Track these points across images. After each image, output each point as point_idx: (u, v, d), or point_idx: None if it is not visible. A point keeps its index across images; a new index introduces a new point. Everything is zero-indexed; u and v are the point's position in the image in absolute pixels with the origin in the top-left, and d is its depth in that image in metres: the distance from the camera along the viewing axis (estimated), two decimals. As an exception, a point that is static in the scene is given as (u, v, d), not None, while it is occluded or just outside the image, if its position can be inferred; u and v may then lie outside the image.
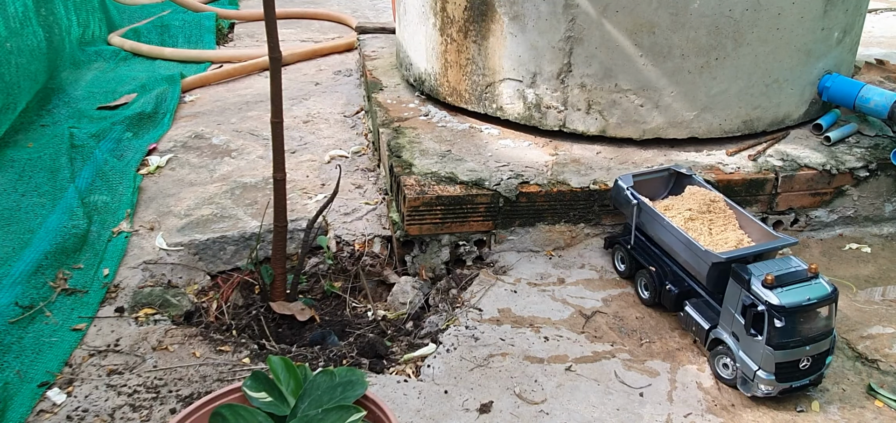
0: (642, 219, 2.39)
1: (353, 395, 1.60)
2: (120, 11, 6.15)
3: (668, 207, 2.41)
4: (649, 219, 2.35)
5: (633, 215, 2.40)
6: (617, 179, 2.48)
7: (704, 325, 2.10)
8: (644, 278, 2.37)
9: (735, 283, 1.98)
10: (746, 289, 1.93)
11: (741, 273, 1.95)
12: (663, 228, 2.28)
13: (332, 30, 6.03)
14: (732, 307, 1.99)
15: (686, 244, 2.17)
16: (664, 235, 2.28)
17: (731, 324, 2.00)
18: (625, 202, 2.44)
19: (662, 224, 2.28)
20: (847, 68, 3.27)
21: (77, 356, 2.11)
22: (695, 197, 2.43)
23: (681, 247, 2.20)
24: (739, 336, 1.97)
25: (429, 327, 2.36)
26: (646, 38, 2.79)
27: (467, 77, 3.16)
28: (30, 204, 2.90)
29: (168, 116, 3.95)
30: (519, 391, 2.00)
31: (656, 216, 2.31)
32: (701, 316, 2.13)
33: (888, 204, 2.93)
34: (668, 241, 2.27)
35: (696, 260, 2.14)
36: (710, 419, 1.91)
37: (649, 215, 2.34)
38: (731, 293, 2.01)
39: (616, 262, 2.54)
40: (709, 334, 2.08)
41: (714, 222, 2.33)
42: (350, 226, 2.86)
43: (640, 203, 2.38)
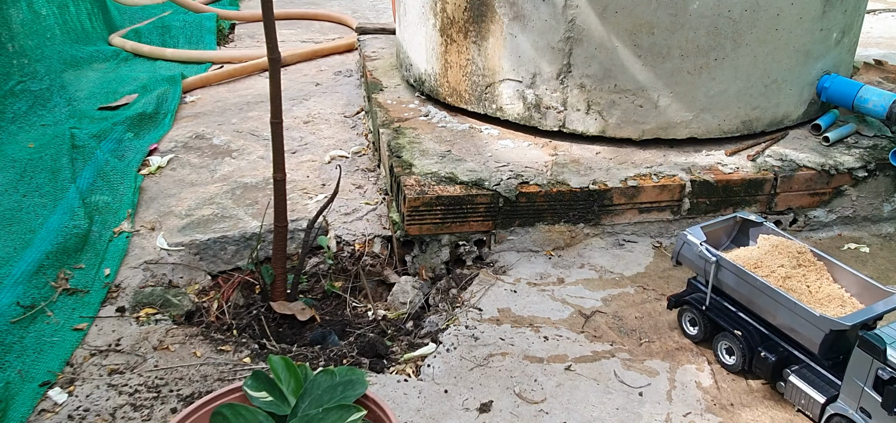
0: (722, 277, 2.10)
1: (353, 394, 1.61)
2: (121, 12, 6.16)
3: (754, 264, 2.12)
4: (735, 278, 2.06)
5: (712, 274, 2.10)
6: (685, 234, 2.19)
7: (819, 399, 1.86)
8: (726, 342, 2.09)
9: (863, 352, 1.75)
10: (881, 360, 1.70)
11: (873, 342, 1.72)
12: (755, 288, 2.00)
13: (332, 30, 6.04)
14: (859, 380, 1.77)
15: (791, 308, 1.91)
16: (755, 296, 2.01)
17: (858, 399, 1.78)
18: (698, 259, 2.15)
19: (754, 285, 2.00)
20: (846, 69, 3.27)
21: (78, 356, 2.12)
22: (779, 250, 2.17)
23: (782, 311, 1.94)
24: (872, 413, 1.75)
25: (429, 327, 2.37)
26: (645, 38, 2.80)
27: (467, 77, 3.17)
28: (31, 204, 2.91)
29: (169, 116, 3.96)
30: (519, 390, 2.01)
31: (745, 276, 2.02)
32: (812, 388, 1.89)
33: (887, 204, 2.94)
34: (760, 303, 2.00)
35: (802, 325, 1.89)
36: (710, 418, 1.92)
37: (735, 274, 2.06)
38: (857, 364, 1.77)
39: (685, 325, 2.24)
40: (825, 408, 1.86)
41: (807, 277, 2.10)
42: (350, 226, 2.86)
43: (722, 261, 2.08)
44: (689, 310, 2.21)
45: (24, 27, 4.37)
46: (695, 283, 2.25)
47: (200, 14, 5.97)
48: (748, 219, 2.33)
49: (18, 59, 4.17)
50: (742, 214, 2.35)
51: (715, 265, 2.08)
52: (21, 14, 4.40)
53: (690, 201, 2.76)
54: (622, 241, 2.76)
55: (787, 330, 1.95)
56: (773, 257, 2.14)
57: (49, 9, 4.82)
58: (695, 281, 2.25)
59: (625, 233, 2.78)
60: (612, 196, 2.70)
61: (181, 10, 6.11)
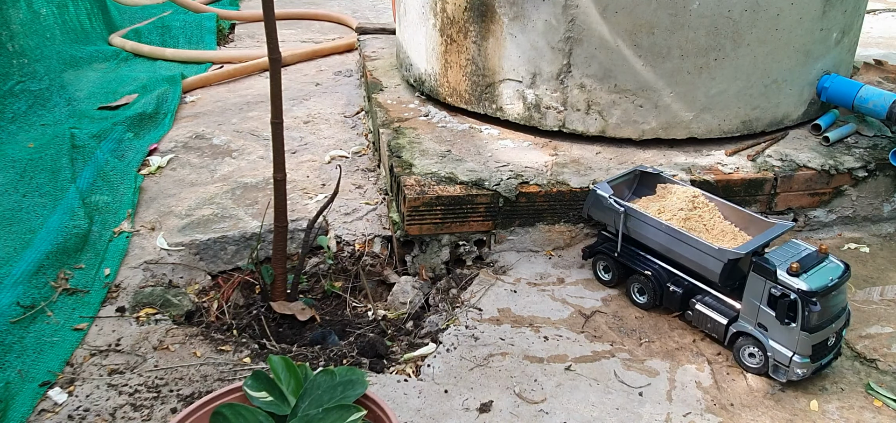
0: (630, 225, 2.35)
1: (353, 394, 1.61)
2: (121, 12, 6.16)
3: (657, 211, 2.37)
4: (641, 224, 2.32)
5: (621, 223, 2.35)
6: (593, 189, 2.44)
7: (722, 320, 2.13)
8: (638, 284, 2.35)
9: (758, 276, 2.01)
10: (772, 280, 1.97)
11: (765, 265, 1.98)
12: (660, 231, 2.26)
13: (332, 31, 6.04)
14: (756, 300, 2.02)
15: (693, 245, 2.17)
16: (660, 238, 2.27)
17: (755, 316, 2.04)
18: (608, 210, 2.39)
19: (659, 228, 2.26)
20: (846, 69, 3.27)
21: (78, 356, 2.12)
22: (677, 196, 2.43)
23: (685, 248, 2.20)
24: (768, 326, 2.01)
25: (429, 327, 2.37)
26: (645, 38, 2.80)
27: (467, 77, 3.17)
28: (31, 204, 2.91)
29: (169, 116, 3.96)
30: (519, 390, 2.01)
31: (650, 221, 2.28)
32: (716, 312, 2.15)
33: (887, 204, 2.94)
34: (665, 243, 2.26)
35: (704, 258, 2.14)
36: (710, 418, 1.92)
37: (641, 221, 2.31)
38: (753, 286, 2.03)
39: (599, 272, 2.50)
40: (728, 328, 2.11)
41: (703, 217, 2.36)
42: (350, 226, 2.86)
43: (629, 210, 2.33)
44: (603, 259, 2.46)
45: (23, 27, 4.37)
46: (605, 233, 2.48)
47: (200, 14, 5.97)
48: (646, 171, 2.57)
49: (18, 59, 4.17)
50: (641, 167, 2.59)
51: (624, 215, 2.32)
52: (21, 14, 4.40)
53: (690, 201, 2.76)
54: (622, 241, 2.76)
55: (691, 265, 2.21)
56: (673, 203, 2.40)
57: (49, 9, 4.81)
58: (605, 232, 2.48)
59: (625, 233, 2.78)
60: (612, 196, 2.70)
61: (181, 10, 6.11)
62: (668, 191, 2.49)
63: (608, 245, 2.44)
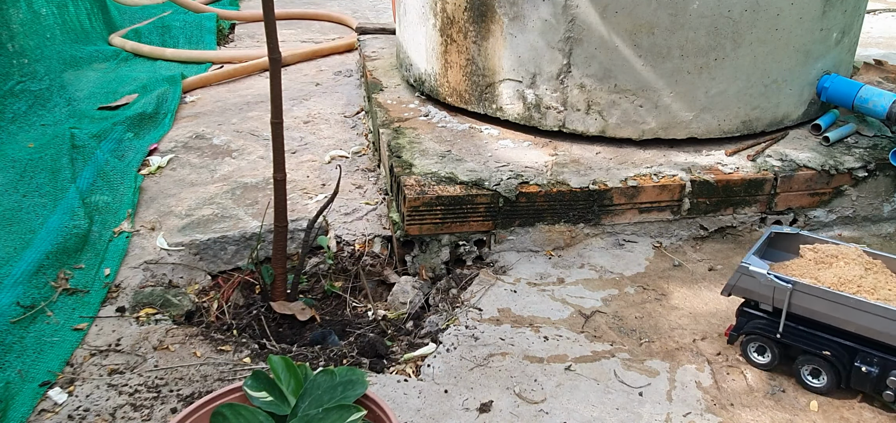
0: (797, 301, 2.05)
1: (353, 394, 1.61)
2: (121, 12, 6.16)
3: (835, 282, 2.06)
4: (818, 302, 2.01)
5: (786, 301, 2.05)
6: (746, 266, 2.10)
7: None
8: (811, 365, 2.05)
9: None
10: None
11: None
12: (849, 308, 1.97)
13: (332, 30, 6.04)
14: None
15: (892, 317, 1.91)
16: (847, 314, 1.98)
17: None
18: (765, 288, 2.08)
19: (849, 305, 1.97)
20: (846, 69, 3.27)
21: (78, 356, 2.12)
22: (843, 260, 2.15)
23: (884, 322, 1.93)
24: None
25: (429, 327, 2.37)
26: (645, 38, 2.80)
27: (467, 77, 3.17)
28: (31, 204, 2.91)
29: (169, 116, 3.96)
30: (519, 390, 2.01)
31: (833, 297, 1.99)
32: None
33: (887, 204, 2.94)
34: (854, 320, 1.98)
35: None
36: (709, 418, 1.92)
37: (818, 298, 2.01)
38: None
39: (750, 354, 2.16)
40: None
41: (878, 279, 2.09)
42: (350, 226, 2.86)
43: (799, 286, 2.02)
44: (757, 339, 2.14)
45: (23, 27, 4.37)
46: (749, 310, 2.17)
47: (200, 14, 5.97)
48: (781, 232, 2.29)
49: (18, 59, 4.17)
50: (775, 229, 2.30)
51: (791, 291, 2.03)
52: (21, 14, 4.40)
53: (690, 201, 2.76)
54: (622, 241, 2.76)
55: (890, 341, 1.94)
56: (845, 270, 2.10)
57: (49, 9, 4.81)
58: (746, 308, 2.18)
59: (625, 233, 2.78)
60: (612, 196, 2.70)
61: (181, 10, 6.11)
62: (822, 252, 2.20)
63: (760, 324, 2.13)
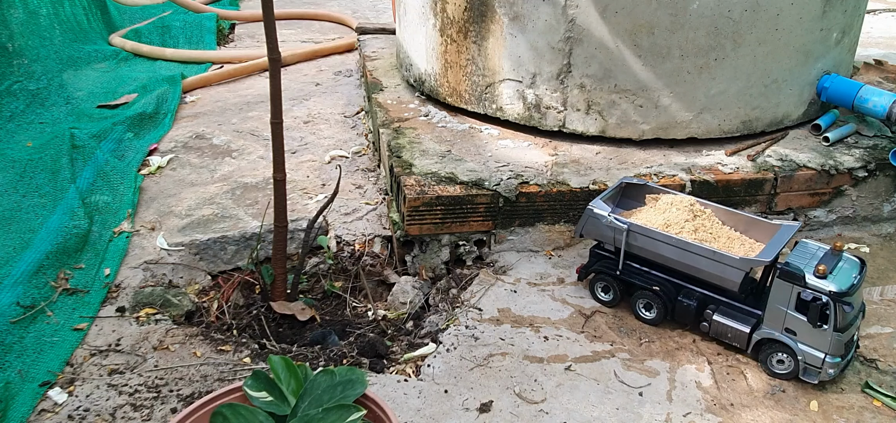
0: (633, 241, 2.26)
1: (353, 394, 1.61)
2: (121, 12, 6.16)
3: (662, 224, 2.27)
4: (648, 241, 2.22)
5: (624, 241, 2.26)
6: (591, 209, 2.33)
7: (744, 329, 2.09)
8: (644, 299, 2.27)
9: (784, 281, 1.99)
10: (801, 285, 1.96)
11: (793, 271, 1.97)
12: (671, 247, 2.17)
13: (332, 30, 6.04)
14: (783, 305, 2.01)
15: (710, 257, 2.10)
16: (671, 252, 2.18)
17: (782, 322, 2.03)
18: (607, 229, 2.29)
19: (671, 243, 2.17)
20: (846, 69, 3.27)
21: (78, 356, 2.12)
22: (676, 207, 2.35)
23: (700, 260, 2.12)
24: (797, 331, 2.00)
25: (429, 327, 2.37)
26: (645, 38, 2.80)
27: (467, 77, 3.17)
28: (31, 204, 2.91)
29: (169, 116, 3.96)
30: (519, 390, 2.01)
31: (660, 236, 2.19)
32: (736, 322, 2.11)
33: (887, 204, 2.94)
34: (676, 257, 2.18)
35: (723, 269, 2.08)
36: (710, 418, 1.92)
37: (649, 237, 2.22)
38: (779, 292, 2.01)
39: (598, 292, 2.38)
40: (751, 336, 2.09)
41: (705, 226, 2.30)
42: (350, 226, 2.86)
43: (633, 227, 2.24)
44: (601, 278, 2.37)
45: (23, 27, 4.37)
46: (598, 251, 2.40)
47: (200, 14, 5.97)
48: (632, 182, 2.50)
49: (18, 58, 4.17)
50: (626, 179, 2.50)
51: (626, 233, 2.24)
52: (20, 14, 4.40)
53: (690, 201, 2.76)
54: (622, 241, 2.76)
55: (705, 277, 2.15)
56: (674, 215, 2.31)
57: (48, 8, 4.81)
58: (598, 250, 2.40)
59: (625, 233, 2.78)
60: (612, 196, 2.70)
61: (181, 10, 6.11)
62: (661, 201, 2.41)
63: (606, 264, 2.35)
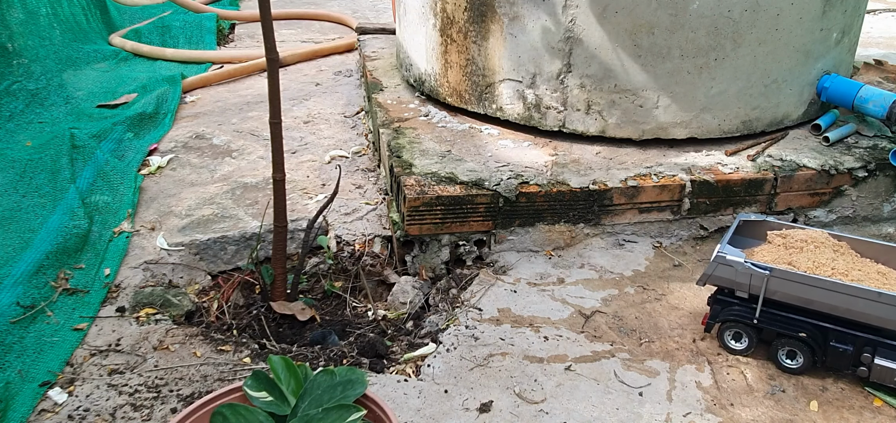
0: (774, 286, 2.10)
1: (353, 394, 1.61)
2: (121, 12, 6.16)
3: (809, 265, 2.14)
4: (794, 287, 2.07)
5: (764, 287, 2.10)
6: (723, 255, 2.14)
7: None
8: (787, 347, 2.12)
9: None
10: None
11: None
12: (824, 290, 2.04)
13: (332, 30, 6.04)
14: None
15: (873, 298, 1.98)
16: (823, 296, 2.04)
17: None
18: (742, 275, 2.12)
19: (824, 287, 2.03)
20: (846, 69, 3.27)
21: (78, 356, 2.12)
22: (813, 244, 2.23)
23: (859, 302, 2.00)
24: None
25: (429, 327, 2.37)
26: (645, 38, 2.80)
27: (467, 77, 3.17)
28: (31, 204, 2.91)
29: (169, 116, 3.96)
30: (519, 390, 2.01)
31: (810, 281, 2.05)
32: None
33: (887, 204, 2.94)
34: (831, 301, 2.04)
35: (888, 311, 1.97)
36: (710, 418, 1.92)
37: (795, 283, 2.07)
38: None
39: (727, 341, 2.21)
40: None
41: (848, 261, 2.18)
42: (350, 226, 2.86)
43: (777, 272, 2.08)
44: (733, 326, 2.19)
45: (22, 27, 4.37)
46: (723, 298, 2.21)
47: (200, 14, 5.97)
48: (749, 220, 2.35)
49: (17, 58, 4.17)
50: (743, 216, 2.35)
51: (768, 277, 2.08)
52: (19, 14, 4.40)
53: (690, 201, 2.76)
54: (622, 241, 2.76)
55: (866, 319, 2.01)
56: (816, 254, 2.18)
57: (48, 9, 4.82)
58: (722, 297, 2.21)
59: (625, 233, 2.78)
60: (612, 196, 2.70)
61: (181, 10, 6.11)
62: (790, 237, 2.28)
63: (736, 311, 2.18)
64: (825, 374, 2.09)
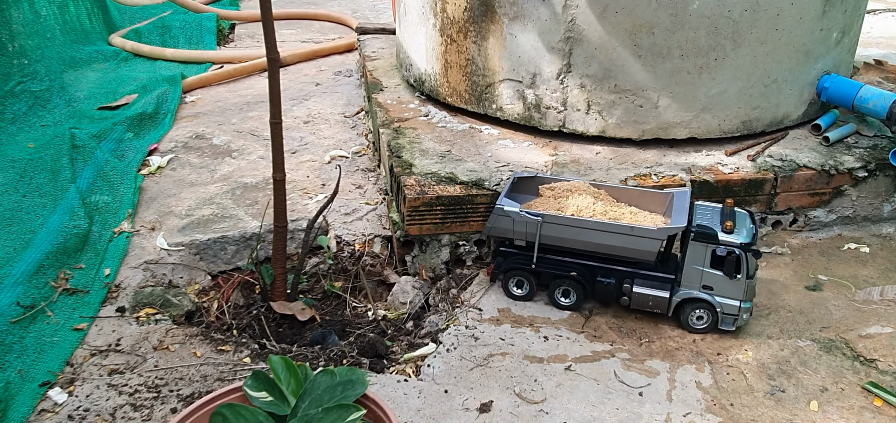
0: (547, 231, 2.29)
1: (353, 394, 1.61)
2: (121, 12, 6.16)
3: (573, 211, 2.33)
4: (563, 230, 2.28)
5: (538, 233, 2.30)
6: (501, 207, 2.33)
7: (665, 294, 2.25)
8: (561, 287, 2.35)
9: (699, 243, 2.18)
10: (714, 243, 2.16)
11: (706, 232, 2.17)
12: (589, 230, 2.25)
13: (332, 31, 6.04)
14: (699, 265, 2.20)
15: (629, 233, 2.22)
16: (588, 236, 2.26)
17: (699, 280, 2.22)
18: (519, 224, 2.31)
19: (589, 227, 2.25)
20: (846, 69, 3.27)
21: (78, 356, 2.12)
22: (577, 193, 2.42)
23: (619, 238, 2.23)
24: (714, 285, 2.20)
25: (429, 327, 2.37)
26: (645, 38, 2.80)
27: (467, 78, 3.17)
28: (31, 204, 2.91)
29: (169, 116, 3.96)
30: (519, 390, 2.01)
31: (576, 222, 2.26)
32: (655, 289, 2.26)
33: (887, 204, 2.94)
34: (594, 240, 2.27)
35: (640, 243, 2.21)
36: (710, 418, 1.92)
37: (563, 226, 2.27)
38: (694, 254, 2.20)
39: (512, 289, 2.42)
40: (671, 299, 2.25)
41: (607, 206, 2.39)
42: (350, 226, 2.86)
43: (548, 218, 2.28)
44: (515, 274, 2.40)
45: (24, 27, 4.37)
46: (505, 250, 2.41)
47: (200, 14, 5.97)
48: (522, 176, 2.54)
49: (18, 59, 4.17)
50: (516, 174, 2.55)
51: (541, 223, 2.29)
52: (21, 14, 4.40)
53: (690, 201, 2.76)
54: (622, 241, 2.76)
55: (623, 253, 2.27)
56: (579, 201, 2.39)
57: (49, 9, 4.81)
58: (505, 248, 2.41)
59: (625, 233, 2.78)
60: (612, 196, 2.70)
61: (181, 10, 6.11)
62: (558, 189, 2.47)
63: (517, 260, 2.38)
64: (825, 374, 2.09)
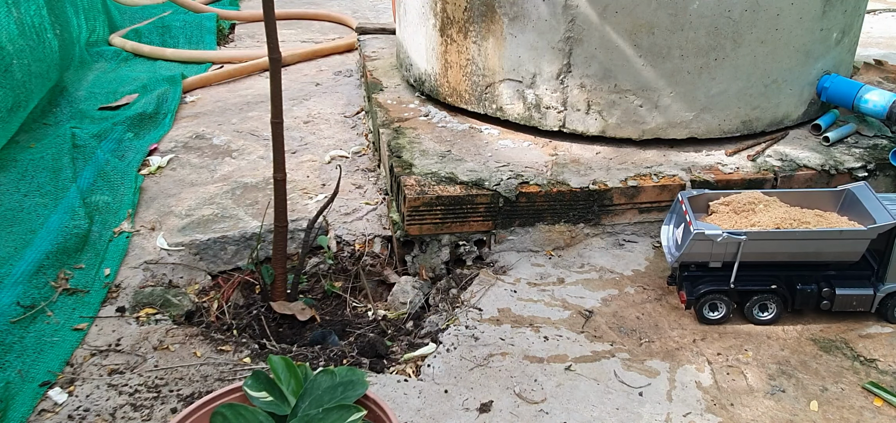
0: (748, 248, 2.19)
1: (353, 394, 1.61)
2: (121, 12, 6.16)
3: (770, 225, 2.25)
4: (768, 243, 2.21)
5: (740, 250, 2.19)
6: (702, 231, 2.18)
7: (869, 292, 2.23)
8: (760, 303, 2.27)
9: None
10: None
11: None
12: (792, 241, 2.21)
13: (332, 30, 6.04)
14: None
15: (834, 237, 2.19)
16: (789, 248, 2.22)
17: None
18: (719, 246, 2.19)
19: (792, 238, 2.21)
20: (846, 69, 3.27)
21: (78, 356, 2.12)
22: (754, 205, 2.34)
23: (826, 243, 2.21)
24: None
25: (429, 327, 2.37)
26: (645, 38, 2.80)
27: (467, 77, 3.17)
28: (32, 204, 2.91)
29: (169, 116, 3.96)
30: (519, 390, 2.01)
31: (782, 235, 2.20)
32: (858, 289, 2.23)
33: (887, 204, 2.94)
34: (795, 251, 2.22)
35: (845, 244, 2.19)
36: (710, 418, 1.92)
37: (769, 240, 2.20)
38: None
39: (705, 313, 2.29)
40: (876, 296, 2.24)
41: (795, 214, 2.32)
42: (350, 226, 2.86)
43: (752, 235, 2.18)
44: (710, 296, 2.28)
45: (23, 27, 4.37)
46: (694, 273, 2.31)
47: (200, 14, 5.97)
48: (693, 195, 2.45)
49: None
50: (684, 194, 2.44)
51: (743, 242, 2.19)
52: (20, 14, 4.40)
53: (690, 201, 2.76)
54: (622, 241, 2.76)
55: (826, 258, 2.24)
56: (763, 214, 2.31)
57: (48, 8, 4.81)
58: (692, 272, 2.31)
59: (625, 233, 2.78)
60: (612, 196, 2.70)
61: (181, 10, 6.11)
62: (736, 203, 2.37)
63: (711, 281, 2.27)
64: (825, 374, 2.09)
